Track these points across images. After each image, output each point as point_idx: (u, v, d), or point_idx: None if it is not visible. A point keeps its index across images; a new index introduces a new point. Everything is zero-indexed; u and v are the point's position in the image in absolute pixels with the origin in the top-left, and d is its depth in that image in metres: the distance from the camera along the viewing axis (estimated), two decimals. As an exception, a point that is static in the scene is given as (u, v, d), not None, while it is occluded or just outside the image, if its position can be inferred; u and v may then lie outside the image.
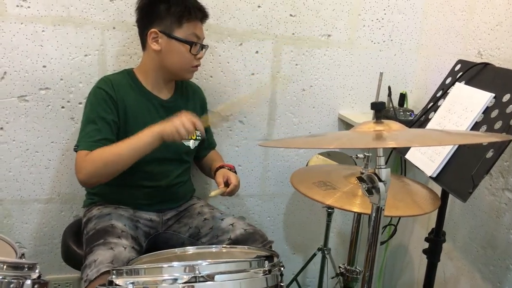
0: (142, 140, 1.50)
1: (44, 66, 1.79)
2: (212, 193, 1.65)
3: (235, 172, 1.77)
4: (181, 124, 1.48)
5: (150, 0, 1.65)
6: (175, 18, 1.60)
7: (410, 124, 1.78)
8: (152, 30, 1.61)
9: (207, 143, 1.92)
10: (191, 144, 1.77)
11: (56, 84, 1.82)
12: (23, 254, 1.28)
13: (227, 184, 1.68)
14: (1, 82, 1.76)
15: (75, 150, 1.59)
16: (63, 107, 1.85)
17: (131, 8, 1.81)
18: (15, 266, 1.13)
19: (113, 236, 1.49)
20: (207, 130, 1.92)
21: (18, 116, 1.81)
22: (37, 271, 1.16)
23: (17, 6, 1.71)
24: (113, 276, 1.16)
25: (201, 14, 1.68)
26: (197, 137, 1.79)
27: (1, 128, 1.80)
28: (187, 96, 1.81)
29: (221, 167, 1.77)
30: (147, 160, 1.63)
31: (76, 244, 1.65)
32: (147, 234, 1.69)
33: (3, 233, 1.67)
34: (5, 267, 1.10)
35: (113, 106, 1.61)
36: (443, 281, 1.95)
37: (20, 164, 1.86)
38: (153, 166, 1.67)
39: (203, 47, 1.69)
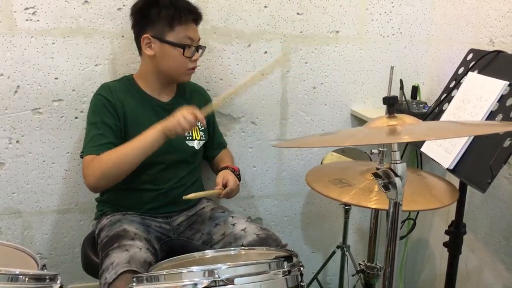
0: (147, 139, 1.52)
1: (56, 78, 1.81)
2: (190, 195, 1.61)
3: (238, 174, 1.76)
4: (182, 116, 1.49)
5: (141, 5, 1.65)
6: (166, 22, 1.60)
7: (424, 116, 1.76)
8: (145, 35, 1.62)
9: (216, 143, 1.91)
10: (196, 144, 1.76)
11: (68, 95, 1.84)
12: (44, 265, 1.30)
13: (226, 186, 1.67)
14: (14, 96, 1.79)
15: (81, 156, 1.62)
16: (76, 118, 1.86)
17: (138, 15, 1.82)
18: (37, 278, 1.14)
19: (127, 239, 1.50)
20: (215, 129, 1.92)
21: (33, 128, 1.83)
22: (58, 281, 1.17)
23: (27, 20, 1.73)
24: (134, 284, 1.16)
25: (193, 16, 1.66)
26: (202, 138, 1.78)
27: (17, 142, 1.83)
28: (190, 97, 1.79)
29: (225, 168, 1.77)
30: (153, 163, 1.64)
31: (95, 253, 1.65)
32: (159, 238, 1.68)
33: (24, 245, 1.69)
34: (27, 279, 1.12)
35: (113, 111, 1.63)
36: (466, 273, 1.93)
37: (37, 176, 1.88)
38: (159, 169, 1.67)
39: (198, 48, 1.68)
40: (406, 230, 2.19)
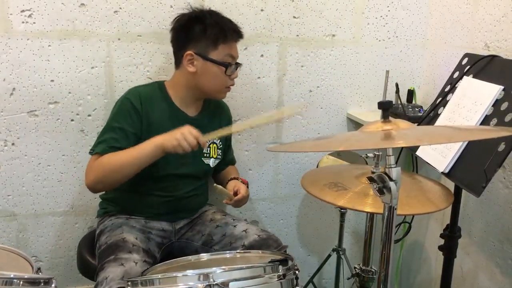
0: (144, 151, 1.51)
1: (52, 81, 1.81)
2: (219, 187, 1.64)
3: (247, 186, 1.78)
4: (183, 138, 1.47)
5: (185, 21, 1.64)
6: (211, 41, 1.59)
7: (419, 120, 1.77)
8: (188, 52, 1.60)
9: (227, 159, 1.92)
10: (211, 162, 1.76)
11: (64, 98, 1.83)
12: (39, 268, 1.29)
13: (236, 194, 1.69)
14: (10, 98, 1.78)
15: (90, 153, 1.61)
16: (72, 120, 1.86)
17: (134, 19, 1.82)
18: (31, 282, 1.14)
19: (124, 251, 1.50)
20: (229, 146, 1.93)
21: (28, 131, 1.83)
22: (53, 285, 1.17)
23: (23, 22, 1.73)
24: (128, 288, 1.16)
25: (237, 35, 1.66)
26: (218, 156, 1.79)
27: (13, 144, 1.82)
28: (214, 114, 1.80)
29: (235, 178, 1.78)
30: (166, 174, 1.65)
31: (91, 255, 1.66)
32: (160, 244, 1.69)
33: (19, 247, 1.69)
34: (21, 283, 1.12)
35: (137, 119, 1.61)
36: (461, 277, 1.93)
37: (33, 179, 1.88)
38: (171, 181, 1.68)
39: (237, 66, 1.68)
40: (401, 233, 2.19)
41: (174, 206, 1.72)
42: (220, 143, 1.80)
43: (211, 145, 1.76)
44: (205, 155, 1.74)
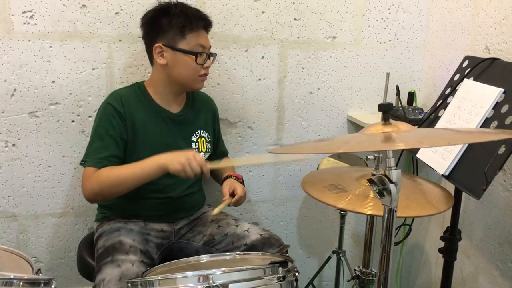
0: (147, 169, 1.53)
1: (53, 82, 1.81)
2: (215, 211, 1.64)
3: (242, 182, 1.77)
4: (188, 164, 1.49)
5: (152, 15, 1.66)
6: (178, 30, 1.60)
7: (420, 122, 1.77)
8: (157, 44, 1.61)
9: (219, 152, 1.92)
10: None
11: (65, 99, 1.84)
12: (39, 269, 1.30)
13: (233, 194, 1.69)
14: (11, 99, 1.79)
15: (82, 164, 1.62)
16: (73, 121, 1.86)
17: (136, 20, 1.82)
18: (31, 283, 1.14)
19: (121, 253, 1.50)
20: (219, 138, 1.93)
21: (29, 132, 1.83)
22: (53, 286, 1.17)
23: (24, 23, 1.74)
24: (128, 289, 1.16)
25: (204, 23, 1.67)
26: (208, 150, 1.79)
27: (13, 145, 1.83)
28: (198, 108, 1.80)
29: (229, 176, 1.78)
30: None
31: (91, 256, 1.66)
32: (159, 245, 1.69)
33: (19, 248, 1.69)
34: (21, 283, 1.12)
35: (121, 122, 1.62)
36: (461, 279, 1.93)
37: (33, 180, 1.88)
38: (164, 179, 1.67)
39: (210, 56, 1.69)
40: (401, 235, 2.19)
41: (172, 206, 1.72)
42: (209, 136, 1.80)
43: (199, 139, 1.77)
44: (194, 150, 1.74)
